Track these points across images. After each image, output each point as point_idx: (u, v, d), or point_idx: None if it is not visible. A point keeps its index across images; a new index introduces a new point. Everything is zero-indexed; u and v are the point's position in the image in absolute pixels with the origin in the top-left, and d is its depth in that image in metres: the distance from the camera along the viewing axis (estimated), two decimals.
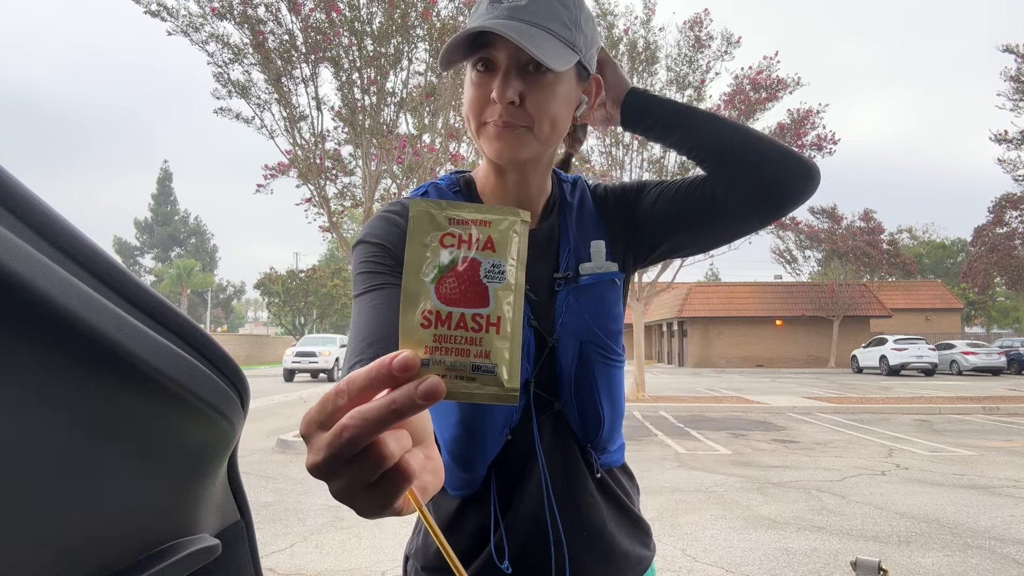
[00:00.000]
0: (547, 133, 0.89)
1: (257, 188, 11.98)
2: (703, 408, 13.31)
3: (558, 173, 1.06)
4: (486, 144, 0.90)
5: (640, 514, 1.04)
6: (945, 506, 5.62)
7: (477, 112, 0.89)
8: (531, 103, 0.87)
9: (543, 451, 0.92)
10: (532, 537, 0.91)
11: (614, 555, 0.95)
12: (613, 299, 0.96)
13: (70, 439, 0.39)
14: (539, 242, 0.98)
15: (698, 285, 38.80)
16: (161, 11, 10.10)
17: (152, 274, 61.27)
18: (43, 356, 0.34)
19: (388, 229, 0.91)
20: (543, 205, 1.01)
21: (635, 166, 18.26)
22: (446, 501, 0.96)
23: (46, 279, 0.33)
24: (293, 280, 45.35)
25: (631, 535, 1.00)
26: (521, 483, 0.92)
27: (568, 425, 0.94)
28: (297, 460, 7.93)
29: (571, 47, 0.87)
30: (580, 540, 0.93)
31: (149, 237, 71.24)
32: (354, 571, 4.14)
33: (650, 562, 1.03)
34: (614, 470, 1.01)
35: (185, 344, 0.46)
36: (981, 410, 12.96)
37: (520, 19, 0.84)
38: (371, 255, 0.88)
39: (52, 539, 0.40)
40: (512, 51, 0.85)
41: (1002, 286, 36.76)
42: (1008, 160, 24.40)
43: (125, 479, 0.45)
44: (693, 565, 4.20)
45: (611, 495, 0.99)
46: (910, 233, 64.27)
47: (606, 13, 17.36)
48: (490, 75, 0.87)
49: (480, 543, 0.93)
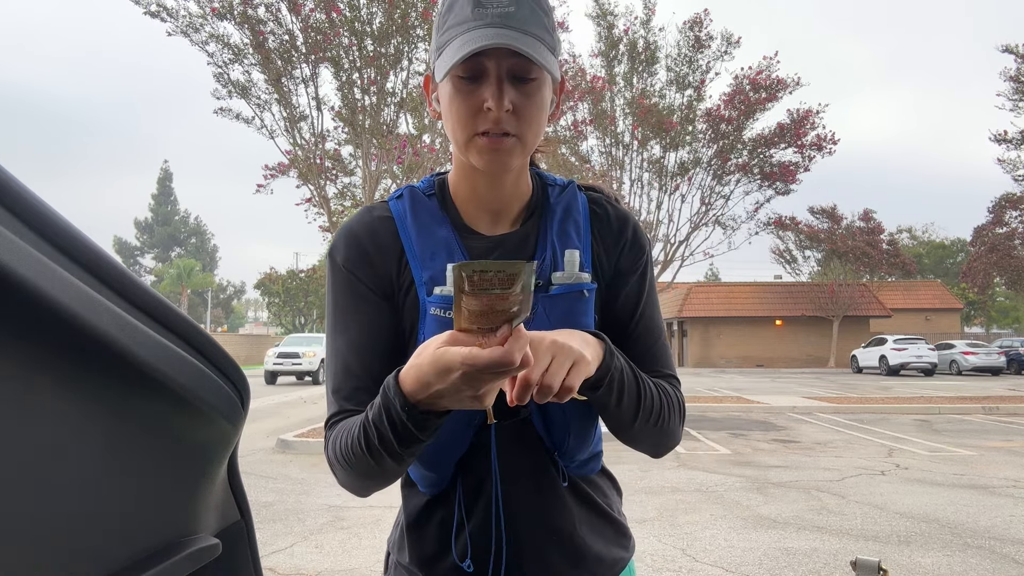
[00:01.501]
0: (532, 140, 0.90)
1: (257, 188, 11.98)
2: (703, 408, 13.31)
3: (543, 175, 1.05)
4: (477, 156, 0.89)
5: (618, 516, 1.04)
6: (945, 506, 5.62)
7: (468, 122, 0.87)
8: (520, 111, 0.87)
9: (507, 456, 0.94)
10: (491, 538, 0.93)
11: (585, 558, 0.96)
12: (582, 310, 0.95)
13: (70, 439, 0.39)
14: (513, 246, 0.97)
15: (698, 285, 38.81)
16: (161, 12, 10.10)
17: (152, 274, 61.26)
18: (43, 356, 0.34)
19: (352, 247, 0.95)
20: (522, 207, 1.00)
21: (635, 166, 18.26)
22: (415, 497, 0.99)
23: (47, 279, 0.33)
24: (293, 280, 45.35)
25: (606, 538, 1.00)
26: (483, 485, 0.94)
27: (536, 432, 0.95)
28: (297, 460, 7.93)
29: (553, 53, 0.89)
30: (549, 544, 0.94)
31: (149, 237, 71.26)
32: (354, 571, 4.14)
33: (627, 563, 1.04)
34: (591, 475, 1.02)
35: (186, 345, 0.46)
36: (981, 410, 12.96)
37: (514, 27, 0.83)
38: (342, 282, 0.95)
39: (52, 539, 0.40)
40: (502, 60, 0.85)
41: (1002, 286, 36.78)
42: (1008, 160, 24.42)
43: (125, 479, 0.45)
44: (693, 565, 4.20)
45: (585, 500, 0.99)
46: (910, 233, 64.26)
47: (606, 13, 17.35)
48: (477, 84, 0.86)
49: (445, 540, 0.95)
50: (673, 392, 0.97)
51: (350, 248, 0.95)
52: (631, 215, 1.04)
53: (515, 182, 0.98)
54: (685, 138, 17.79)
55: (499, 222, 0.99)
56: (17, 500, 0.37)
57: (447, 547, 0.95)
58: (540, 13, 0.87)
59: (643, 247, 1.02)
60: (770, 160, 18.73)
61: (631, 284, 1.01)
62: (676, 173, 18.34)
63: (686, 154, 18.26)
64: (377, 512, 5.43)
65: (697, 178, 18.68)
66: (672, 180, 18.39)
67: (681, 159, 18.29)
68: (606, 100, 17.27)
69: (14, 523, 0.37)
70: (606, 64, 17.44)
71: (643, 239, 1.03)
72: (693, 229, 19.06)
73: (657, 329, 1.03)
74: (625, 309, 1.00)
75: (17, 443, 0.36)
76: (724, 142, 17.99)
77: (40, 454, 0.37)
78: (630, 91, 17.48)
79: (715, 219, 19.45)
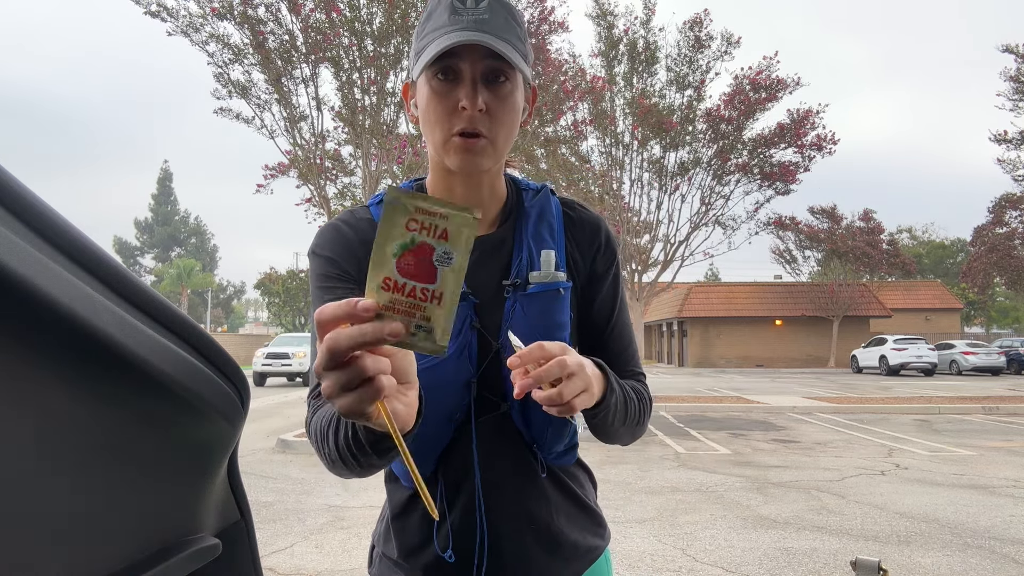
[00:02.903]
0: (503, 142, 0.94)
1: (257, 188, 11.99)
2: (703, 408, 13.31)
3: (517, 180, 1.09)
4: (452, 155, 0.93)
5: (594, 505, 1.09)
6: (945, 506, 5.62)
7: (444, 121, 0.91)
8: (493, 112, 0.91)
9: (487, 448, 0.97)
10: (471, 529, 0.97)
11: (561, 546, 1.00)
12: (558, 308, 0.99)
13: (70, 439, 0.39)
14: (490, 248, 1.01)
15: (698, 285, 38.81)
16: (161, 12, 10.10)
17: (152, 274, 61.28)
18: (43, 356, 0.34)
19: (338, 240, 0.99)
20: (498, 210, 1.05)
21: (635, 166, 18.26)
22: (398, 491, 1.03)
23: (47, 279, 0.33)
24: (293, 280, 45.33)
25: (582, 526, 1.05)
26: (465, 478, 0.97)
27: (515, 426, 0.99)
28: (297, 460, 7.93)
29: (525, 61, 0.94)
30: (526, 533, 0.98)
31: (149, 237, 71.26)
32: (354, 571, 4.14)
33: (603, 550, 1.08)
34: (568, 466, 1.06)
35: (186, 345, 0.46)
36: (981, 410, 12.95)
37: (487, 32, 0.88)
38: (325, 270, 0.97)
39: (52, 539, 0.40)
40: (476, 62, 0.89)
41: (1002, 286, 36.78)
42: (1008, 160, 24.43)
43: (125, 479, 0.45)
44: (693, 565, 4.20)
45: (563, 489, 1.03)
46: (910, 233, 64.28)
47: (606, 13, 17.36)
48: (452, 85, 0.91)
49: (427, 532, 0.98)
50: (645, 392, 1.04)
51: (334, 242, 0.99)
52: (603, 219, 1.10)
53: (490, 185, 1.03)
54: (685, 138, 17.81)
55: None
56: (17, 500, 0.37)
57: (430, 538, 0.98)
58: (513, 24, 0.92)
59: (614, 250, 1.08)
60: (770, 160, 18.74)
61: (606, 288, 1.06)
62: (676, 173, 18.35)
63: (686, 154, 18.28)
64: (377, 512, 5.41)
65: (697, 178, 18.70)
66: (672, 180, 18.41)
67: (681, 159, 18.31)
68: (606, 100, 17.28)
69: (14, 523, 0.37)
70: (606, 64, 17.45)
71: (614, 243, 1.09)
72: (693, 229, 19.09)
73: (629, 331, 1.09)
74: (601, 314, 1.06)
75: (17, 443, 0.36)
76: (724, 142, 18.00)
77: (40, 454, 0.37)
78: (630, 91, 17.49)
79: (715, 219, 19.47)
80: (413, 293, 0.59)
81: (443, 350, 0.61)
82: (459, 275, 0.60)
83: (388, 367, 0.60)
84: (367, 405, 0.59)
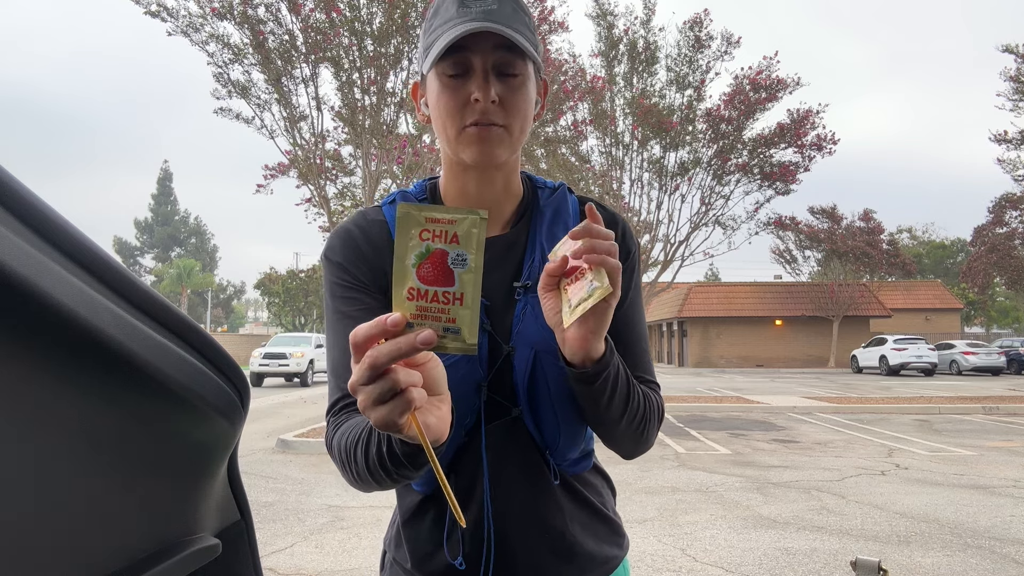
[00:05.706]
0: (519, 132, 0.92)
1: (257, 188, 11.99)
2: (703, 408, 13.31)
3: (534, 179, 1.07)
4: (466, 147, 0.91)
5: (612, 514, 1.05)
6: (945, 506, 5.62)
7: (457, 115, 0.90)
8: (506, 103, 0.90)
9: (497, 454, 0.94)
10: (483, 536, 0.95)
11: (576, 555, 0.97)
12: None
13: (70, 439, 0.39)
14: (502, 248, 0.99)
15: (698, 285, 38.80)
16: (161, 11, 10.10)
17: (152, 274, 61.25)
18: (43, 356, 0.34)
19: (348, 245, 0.98)
20: (514, 209, 1.02)
21: (635, 166, 18.25)
22: (409, 495, 1.00)
23: (47, 279, 0.33)
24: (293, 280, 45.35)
25: (599, 536, 1.01)
26: (475, 484, 0.95)
27: (527, 430, 0.95)
28: (297, 460, 7.93)
29: (535, 50, 0.92)
30: (540, 541, 0.95)
31: (149, 237, 71.26)
32: (354, 571, 4.14)
33: (620, 560, 1.04)
34: (584, 473, 1.02)
35: (186, 345, 0.46)
36: (981, 410, 12.95)
37: (497, 22, 0.87)
38: (337, 278, 0.96)
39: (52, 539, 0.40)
40: (487, 54, 0.88)
41: (1002, 286, 36.79)
42: (1008, 160, 24.45)
43: (125, 479, 0.45)
44: (693, 565, 4.20)
45: (578, 498, 1.00)
46: (910, 233, 64.27)
47: (606, 13, 17.35)
48: (463, 79, 0.89)
49: (438, 538, 0.96)
50: (655, 399, 0.98)
51: (346, 247, 0.97)
52: (620, 216, 1.06)
53: (505, 181, 0.99)
54: (685, 138, 17.79)
55: (489, 224, 1.00)
56: (17, 500, 0.37)
57: (440, 545, 0.96)
58: (521, 13, 0.91)
59: (629, 247, 1.03)
60: (770, 160, 18.72)
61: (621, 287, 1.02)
62: (676, 173, 18.33)
63: (686, 154, 18.26)
64: (377, 512, 5.43)
65: (697, 178, 18.68)
66: (672, 180, 18.39)
67: (681, 159, 18.29)
68: (606, 100, 17.27)
69: (14, 523, 0.37)
70: (606, 64, 17.44)
71: (631, 241, 1.04)
72: (693, 229, 19.06)
73: (643, 335, 1.04)
74: (615, 315, 1.00)
75: (16, 443, 0.36)
76: (724, 142, 17.99)
77: (39, 454, 0.37)
78: (630, 91, 17.48)
79: (715, 219, 19.45)
80: (436, 298, 0.63)
81: (474, 348, 0.63)
82: (476, 274, 0.63)
83: (419, 380, 0.62)
84: (400, 417, 0.61)
